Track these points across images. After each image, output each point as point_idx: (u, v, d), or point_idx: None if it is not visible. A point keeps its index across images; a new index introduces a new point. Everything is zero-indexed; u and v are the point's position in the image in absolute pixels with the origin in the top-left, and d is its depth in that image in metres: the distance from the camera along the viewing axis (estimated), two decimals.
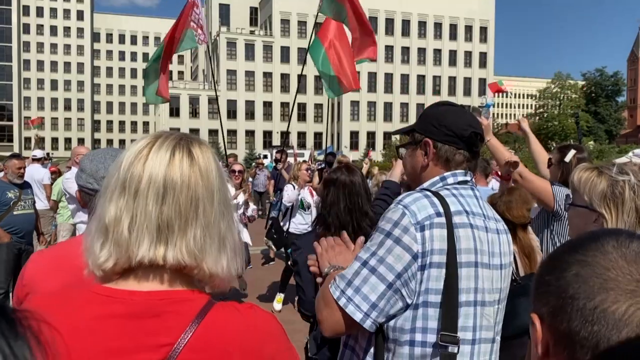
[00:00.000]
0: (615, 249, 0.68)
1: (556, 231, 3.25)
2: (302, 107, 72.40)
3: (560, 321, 0.68)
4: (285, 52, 72.94)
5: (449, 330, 1.48)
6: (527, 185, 3.17)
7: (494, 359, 1.66)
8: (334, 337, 1.63)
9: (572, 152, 3.35)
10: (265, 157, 38.77)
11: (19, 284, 1.62)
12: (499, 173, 3.67)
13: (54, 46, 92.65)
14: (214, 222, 0.99)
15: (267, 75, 73.08)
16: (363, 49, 6.87)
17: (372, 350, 1.58)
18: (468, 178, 1.70)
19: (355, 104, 71.36)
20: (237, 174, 6.64)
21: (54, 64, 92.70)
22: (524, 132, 3.82)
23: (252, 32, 74.07)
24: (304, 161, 7.32)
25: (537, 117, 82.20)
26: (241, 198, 6.23)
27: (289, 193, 6.68)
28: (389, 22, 72.21)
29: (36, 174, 8.14)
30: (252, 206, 6.53)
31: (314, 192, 6.91)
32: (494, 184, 5.98)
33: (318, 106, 74.28)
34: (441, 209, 1.54)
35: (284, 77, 74.00)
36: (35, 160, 8.81)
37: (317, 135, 73.61)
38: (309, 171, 6.95)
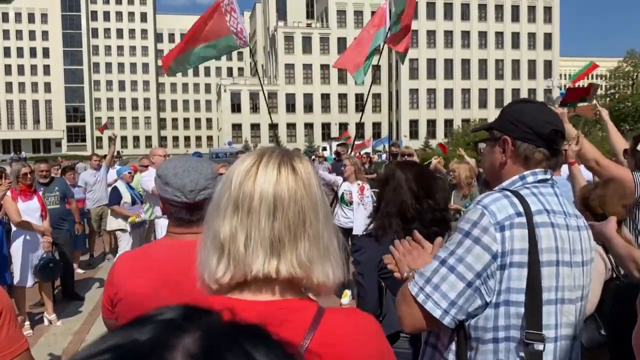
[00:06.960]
0: None
1: (639, 219, 3.10)
2: (359, 97, 72.09)
3: None
4: (342, 43, 72.63)
5: (534, 328, 1.50)
6: (604, 173, 3.05)
7: (576, 356, 1.64)
8: (414, 332, 1.64)
9: None
10: (324, 149, 38.84)
11: (108, 283, 1.72)
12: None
13: (120, 48, 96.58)
14: (320, 233, 1.02)
15: (325, 67, 73.15)
16: (399, 41, 6.62)
17: (454, 347, 1.60)
18: (548, 176, 1.68)
19: (414, 91, 70.23)
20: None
21: (120, 66, 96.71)
22: (604, 122, 3.72)
23: (308, 25, 74.33)
24: (348, 157, 7.12)
25: (608, 99, 77.96)
26: None
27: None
28: (448, 7, 70.36)
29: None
30: None
31: (365, 189, 6.71)
32: (565, 170, 5.83)
33: (376, 96, 73.71)
34: (521, 209, 1.55)
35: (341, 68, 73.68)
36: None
37: (376, 125, 73.11)
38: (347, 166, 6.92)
